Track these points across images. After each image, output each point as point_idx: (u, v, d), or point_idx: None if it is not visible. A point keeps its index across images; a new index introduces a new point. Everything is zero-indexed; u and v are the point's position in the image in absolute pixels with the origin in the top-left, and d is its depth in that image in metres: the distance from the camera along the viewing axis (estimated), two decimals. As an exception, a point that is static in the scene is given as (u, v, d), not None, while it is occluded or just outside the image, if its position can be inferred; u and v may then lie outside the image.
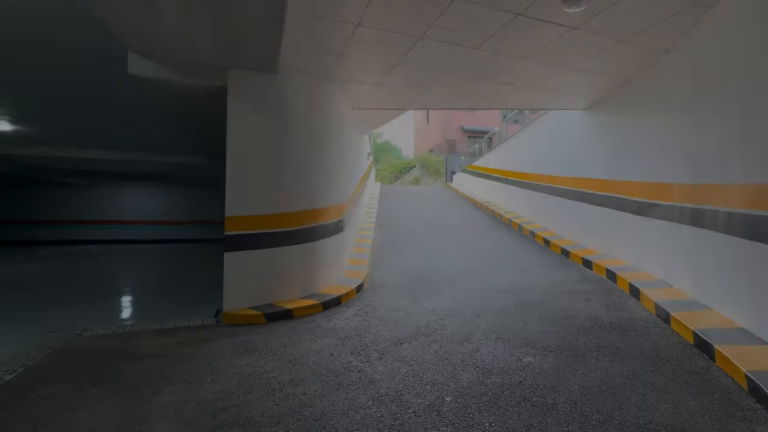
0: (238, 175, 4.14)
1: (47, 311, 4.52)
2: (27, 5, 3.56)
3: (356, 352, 2.98)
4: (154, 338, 3.38)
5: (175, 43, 3.57)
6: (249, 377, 2.54)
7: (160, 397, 2.25)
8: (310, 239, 4.53)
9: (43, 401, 2.22)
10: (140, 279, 7.01)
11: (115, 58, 4.50)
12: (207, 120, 5.63)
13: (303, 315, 4.07)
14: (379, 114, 7.48)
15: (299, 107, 4.53)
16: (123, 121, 7.69)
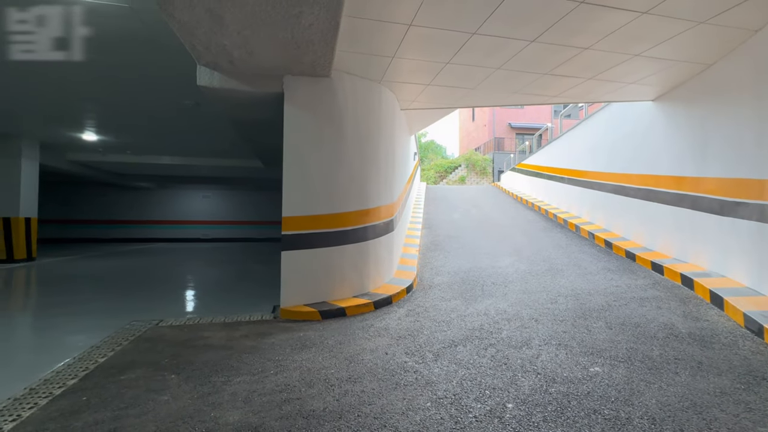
0: (294, 177, 4.31)
1: (129, 302, 5.00)
2: (114, 27, 3.97)
3: (410, 352, 2.97)
4: (220, 331, 3.61)
5: (238, 54, 3.80)
6: (309, 372, 2.62)
7: (230, 387, 2.40)
8: (362, 239, 4.60)
9: (131, 383, 2.46)
10: (204, 275, 7.55)
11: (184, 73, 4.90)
12: (263, 125, 5.93)
13: (355, 314, 4.14)
14: (427, 114, 7.43)
15: (351, 109, 4.62)
16: (189, 130, 8.34)
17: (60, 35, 4.13)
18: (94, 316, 4.29)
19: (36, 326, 4.09)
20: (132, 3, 3.56)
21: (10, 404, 2.19)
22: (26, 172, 8.87)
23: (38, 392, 2.34)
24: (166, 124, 7.88)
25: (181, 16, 3.11)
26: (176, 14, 3.09)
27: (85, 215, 16.26)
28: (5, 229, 8.59)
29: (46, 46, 4.41)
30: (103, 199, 16.39)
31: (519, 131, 26.18)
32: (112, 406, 2.16)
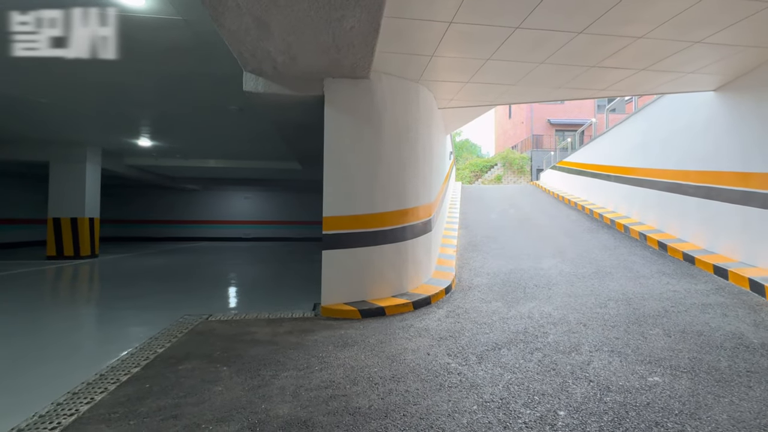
0: (334, 177, 4.39)
1: (180, 297, 5.31)
2: (170, 39, 4.24)
3: (453, 354, 2.93)
4: (265, 326, 3.75)
5: (282, 59, 3.93)
6: (352, 370, 2.66)
7: (278, 381, 2.49)
8: (401, 239, 4.61)
9: (187, 373, 2.61)
10: (246, 273, 7.87)
11: (230, 80, 5.14)
12: (303, 127, 6.08)
13: (394, 313, 4.15)
14: (464, 112, 7.30)
15: (389, 110, 4.64)
16: (233, 134, 8.72)
17: (123, 50, 4.47)
18: (151, 309, 4.59)
19: (102, 317, 4.44)
20: (186, 16, 3.78)
21: (84, 388, 2.39)
22: (90, 176, 9.68)
23: (107, 378, 2.54)
24: (212, 129, 8.30)
25: (231, 25, 3.26)
26: (226, 23, 3.25)
27: (139, 216, 17.49)
28: (73, 228, 9.42)
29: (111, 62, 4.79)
30: (156, 201, 17.56)
31: (559, 128, 25.13)
32: (172, 394, 2.30)
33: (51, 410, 2.12)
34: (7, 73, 5.21)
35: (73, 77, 5.33)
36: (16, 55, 4.66)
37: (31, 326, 3.89)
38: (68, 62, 4.85)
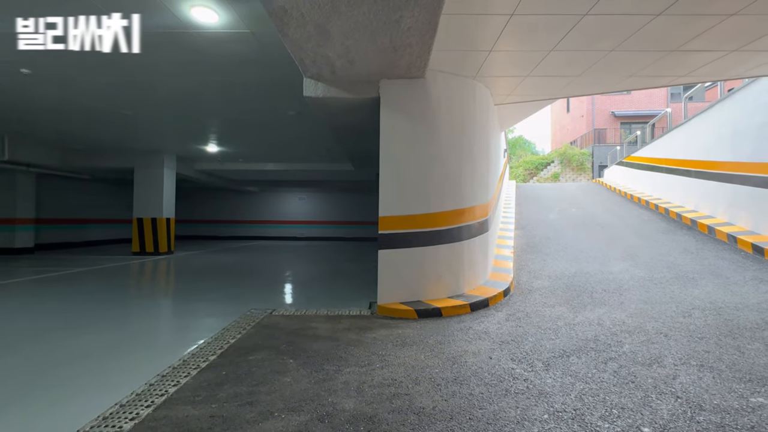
0: (390, 177, 4.42)
1: (244, 292, 5.67)
2: (237, 51, 4.54)
3: (517, 359, 2.82)
4: (325, 323, 3.87)
5: (340, 63, 4.03)
6: (413, 369, 2.66)
7: (341, 376, 2.56)
8: (457, 239, 4.53)
9: (258, 363, 2.77)
10: (303, 270, 8.21)
11: (288, 87, 5.39)
12: (357, 129, 6.21)
13: (451, 314, 4.08)
14: (521, 108, 7.00)
15: (445, 108, 4.58)
16: (290, 138, 9.13)
17: (197, 64, 4.88)
18: (220, 302, 4.95)
19: (179, 308, 4.86)
20: (253, 29, 4.03)
21: (170, 372, 2.64)
22: (167, 180, 10.69)
23: (189, 364, 2.78)
24: (271, 134, 8.78)
25: (294, 34, 3.42)
26: (290, 33, 3.41)
27: (206, 216, 18.99)
28: (153, 227, 10.46)
29: (186, 75, 5.26)
30: (220, 202, 18.96)
31: (625, 120, 23.19)
32: (246, 382, 2.46)
33: (145, 390, 2.36)
34: (101, 91, 5.92)
35: (154, 90, 5.92)
36: (108, 77, 5.29)
37: (122, 314, 4.37)
38: (150, 77, 5.41)
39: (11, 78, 5.35)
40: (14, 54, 4.63)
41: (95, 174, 12.35)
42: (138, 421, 1.99)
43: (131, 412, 2.09)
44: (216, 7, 3.63)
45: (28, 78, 5.38)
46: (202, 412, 2.08)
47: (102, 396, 2.27)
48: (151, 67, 5.01)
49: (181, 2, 3.56)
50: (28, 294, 5.38)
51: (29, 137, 9.17)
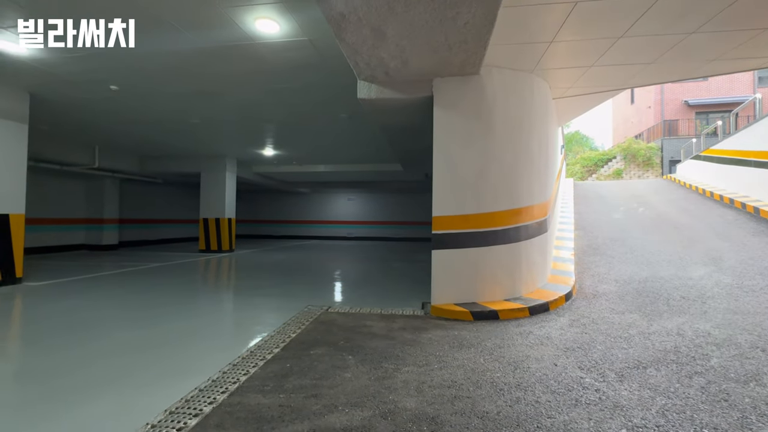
0: (444, 177, 4.37)
1: (301, 289, 5.91)
2: (295, 58, 4.74)
3: (585, 368, 2.65)
4: (379, 321, 3.92)
5: (394, 64, 4.06)
6: (473, 372, 2.60)
7: (400, 374, 2.57)
8: (514, 240, 4.37)
9: (318, 358, 2.88)
10: (354, 269, 8.38)
11: (341, 90, 5.52)
12: (408, 129, 6.21)
13: (509, 318, 3.94)
14: (581, 101, 6.58)
15: (500, 104, 4.44)
16: (341, 140, 9.37)
17: (258, 72, 5.18)
18: (279, 298, 5.20)
19: (243, 303, 5.17)
20: (310, 35, 4.19)
21: (240, 362, 2.82)
22: (229, 183, 11.46)
23: (256, 355, 2.95)
24: (323, 137, 9.07)
25: (350, 38, 3.50)
26: (346, 37, 3.49)
27: (261, 216, 20.08)
28: (216, 227, 11.26)
29: (248, 83, 5.59)
30: (274, 203, 19.96)
31: (700, 109, 20.92)
32: (309, 375, 2.56)
33: (219, 377, 2.54)
34: (174, 102, 6.48)
35: (219, 100, 6.37)
36: (180, 89, 5.77)
37: (193, 306, 4.75)
38: (216, 87, 5.83)
39: (102, 94, 6.05)
40: (105, 72, 5.22)
41: (167, 178, 13.56)
42: (215, 405, 2.15)
43: (209, 397, 2.26)
44: (278, 18, 3.82)
45: (116, 94, 6.04)
46: (272, 401, 2.20)
47: (182, 380, 2.48)
48: (218, 78, 5.40)
49: (247, 16, 3.80)
50: (115, 286, 6.04)
51: (114, 147, 10.30)
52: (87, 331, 3.58)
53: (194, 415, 2.05)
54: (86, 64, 4.94)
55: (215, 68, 5.05)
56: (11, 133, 5.76)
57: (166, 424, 1.96)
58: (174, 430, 1.91)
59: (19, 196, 5.88)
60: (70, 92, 5.94)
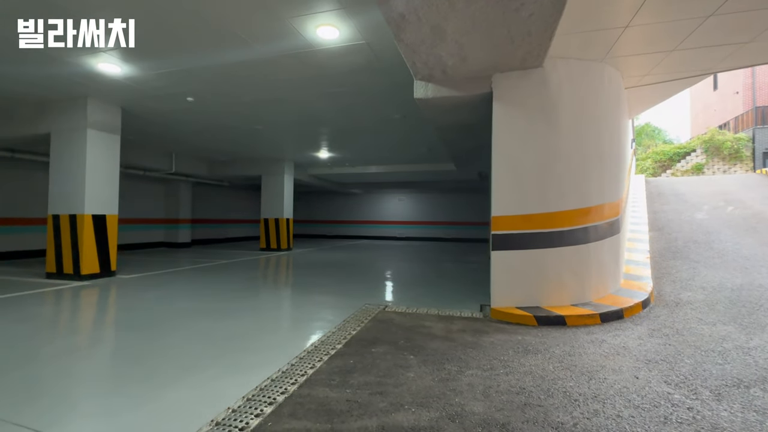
0: (504, 175, 4.22)
1: (357, 287, 6.03)
2: (352, 62, 4.85)
3: (673, 383, 2.40)
4: (437, 322, 3.88)
5: (452, 62, 4.00)
6: (542, 380, 2.47)
7: (464, 377, 2.52)
8: (582, 241, 4.09)
9: (380, 356, 2.91)
10: (407, 269, 8.38)
11: (395, 91, 5.54)
12: (464, 128, 6.09)
13: (577, 324, 3.70)
14: (658, 90, 5.99)
15: (566, 97, 4.18)
16: (393, 141, 9.43)
17: (317, 78, 5.38)
18: (337, 295, 5.34)
19: (303, 300, 5.40)
20: (367, 38, 4.26)
21: (306, 356, 2.94)
22: (287, 185, 12.05)
23: (320, 350, 3.06)
24: (376, 139, 9.19)
25: (409, 38, 3.51)
26: (405, 37, 3.50)
27: (315, 216, 20.85)
28: (276, 226, 11.89)
29: (307, 89, 5.83)
30: (328, 204, 20.63)
31: (805, 92, 18.05)
32: (373, 372, 2.60)
33: (288, 369, 2.67)
34: (240, 110, 6.95)
35: (281, 106, 6.72)
36: (246, 98, 6.17)
37: (258, 300, 5.05)
38: (278, 94, 6.14)
39: (180, 106, 6.66)
40: (184, 85, 5.74)
41: (232, 181, 14.59)
42: (287, 396, 2.26)
43: (280, 387, 2.38)
44: (338, 23, 3.94)
45: (191, 105, 6.62)
46: (339, 395, 2.26)
47: (254, 370, 2.64)
48: (280, 85, 5.69)
49: (309, 24, 3.96)
50: (190, 280, 6.61)
51: (187, 153, 11.30)
52: (170, 321, 3.96)
53: (269, 404, 2.17)
54: (168, 79, 5.46)
55: (277, 76, 5.33)
56: (107, 143, 6.55)
57: (244, 410, 2.10)
58: (252, 416, 2.04)
59: (113, 199, 6.66)
60: (153, 105, 6.62)
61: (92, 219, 6.30)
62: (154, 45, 4.44)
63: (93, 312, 4.51)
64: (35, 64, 4.95)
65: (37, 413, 2.06)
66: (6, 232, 8.80)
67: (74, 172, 6.28)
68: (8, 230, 8.85)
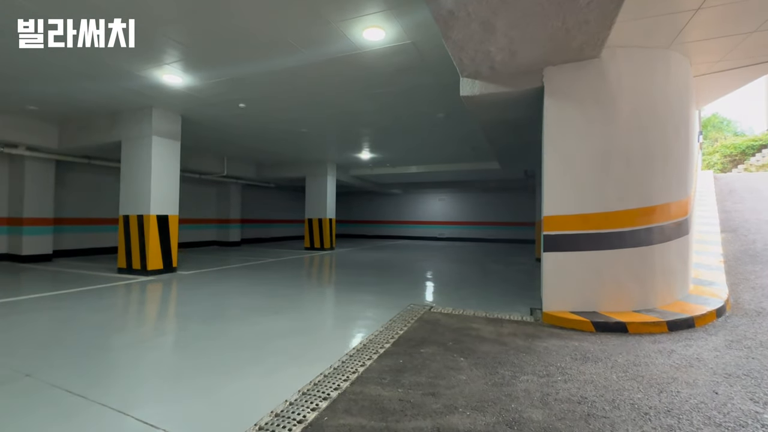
0: (556, 173, 4.02)
1: (400, 287, 6.03)
2: (398, 62, 4.85)
3: (761, 401, 2.16)
4: (486, 325, 3.78)
5: (501, 57, 3.89)
6: (605, 389, 2.33)
7: (520, 383, 2.43)
8: (645, 242, 3.81)
9: (429, 356, 2.89)
10: (450, 270, 8.26)
11: (439, 89, 5.47)
12: (510, 125, 5.89)
13: (641, 332, 3.44)
14: (732, 77, 5.42)
15: (627, 89, 3.91)
16: (435, 140, 9.33)
17: (362, 80, 5.45)
18: (382, 295, 5.37)
19: (348, 298, 5.49)
20: (413, 38, 4.25)
21: (356, 353, 2.98)
22: (330, 186, 12.32)
23: (369, 348, 3.09)
24: (418, 139, 9.15)
25: (457, 35, 3.45)
26: (453, 35, 3.45)
27: (356, 216, 21.16)
28: (319, 226, 12.21)
29: (351, 91, 5.93)
30: (368, 204, 20.85)
31: None
32: (424, 373, 2.58)
33: (339, 366, 2.72)
34: (287, 114, 7.20)
35: (325, 109, 6.88)
36: (292, 102, 6.37)
37: (307, 298, 5.19)
38: (323, 97, 6.29)
39: (233, 112, 7.04)
40: (237, 92, 6.05)
41: (278, 183, 15.18)
42: (340, 392, 2.31)
43: (333, 383, 2.43)
44: (384, 24, 3.96)
45: (242, 110, 6.97)
46: (392, 394, 2.27)
47: (308, 365, 2.71)
48: (325, 89, 5.83)
49: (356, 27, 4.02)
50: (242, 277, 6.96)
51: (237, 156, 11.91)
52: (227, 315, 4.18)
53: (323, 399, 2.22)
54: (223, 87, 5.79)
55: (323, 80, 5.46)
56: (169, 149, 7.07)
57: (301, 403, 2.17)
58: (309, 410, 2.10)
59: (174, 201, 7.17)
60: (208, 112, 7.05)
61: (156, 219, 6.82)
62: (211, 56, 4.72)
63: (159, 305, 4.88)
64: (113, 79, 5.46)
65: (116, 396, 2.26)
66: (83, 231, 9.78)
67: (141, 176, 6.84)
68: (84, 229, 9.82)
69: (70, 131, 7.86)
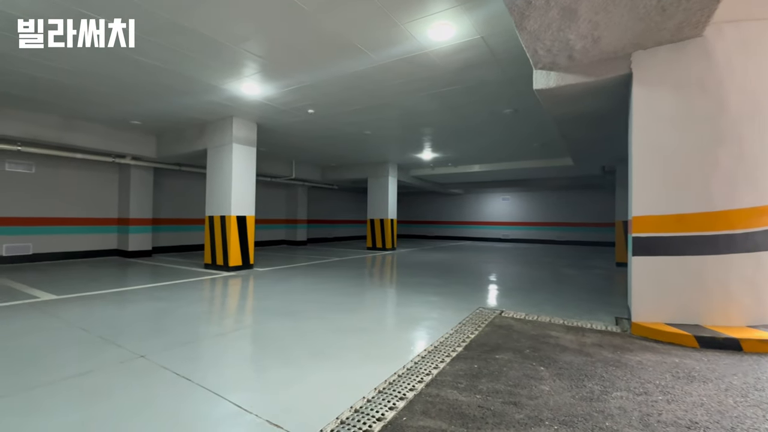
0: (648, 168, 3.62)
1: (467, 289, 5.87)
2: (466, 58, 4.73)
3: None
4: (566, 333, 3.52)
5: (581, 45, 3.60)
6: (720, 415, 2.03)
7: (612, 399, 2.21)
8: (762, 247, 3.28)
9: (506, 363, 2.76)
10: (518, 273, 7.86)
11: (507, 84, 5.22)
12: (589, 118, 5.44)
13: (757, 351, 2.96)
14: None
15: (738, 70, 3.40)
16: (501, 137, 8.95)
17: (426, 80, 5.41)
18: (448, 296, 5.27)
19: (416, 299, 5.47)
20: (483, 33, 4.11)
21: (428, 355, 2.95)
22: (391, 187, 12.45)
23: (440, 351, 3.04)
24: (482, 137, 8.85)
25: (533, 24, 3.26)
26: (528, 25, 3.27)
27: (416, 217, 21.11)
28: (381, 227, 12.38)
29: (415, 90, 5.91)
30: (429, 204, 20.70)
31: None
32: (502, 380, 2.47)
33: (412, 367, 2.72)
34: (352, 117, 7.40)
35: (389, 110, 6.95)
36: (357, 105, 6.52)
37: (373, 297, 5.28)
38: (388, 99, 6.35)
39: (302, 117, 7.42)
40: (307, 99, 6.36)
41: (341, 184, 15.71)
42: (416, 393, 2.30)
43: (408, 384, 2.43)
44: (452, 21, 3.89)
45: (310, 116, 7.31)
46: (470, 400, 2.21)
47: (381, 364, 2.74)
48: (390, 90, 5.89)
49: (423, 26, 4.00)
50: (310, 275, 7.30)
51: (304, 160, 12.54)
52: (301, 310, 4.40)
53: (400, 398, 2.23)
54: (295, 95, 6.13)
55: (387, 82, 5.52)
56: (246, 155, 7.66)
57: (378, 401, 2.20)
58: (386, 409, 2.12)
59: (251, 203, 7.76)
60: (280, 118, 7.51)
61: (236, 219, 7.43)
62: (285, 65, 5.02)
63: (241, 299, 5.30)
64: (201, 93, 6.07)
65: (213, 381, 2.49)
66: (176, 230, 11.01)
67: (224, 180, 7.51)
68: (177, 228, 11.05)
69: (166, 141, 8.89)
